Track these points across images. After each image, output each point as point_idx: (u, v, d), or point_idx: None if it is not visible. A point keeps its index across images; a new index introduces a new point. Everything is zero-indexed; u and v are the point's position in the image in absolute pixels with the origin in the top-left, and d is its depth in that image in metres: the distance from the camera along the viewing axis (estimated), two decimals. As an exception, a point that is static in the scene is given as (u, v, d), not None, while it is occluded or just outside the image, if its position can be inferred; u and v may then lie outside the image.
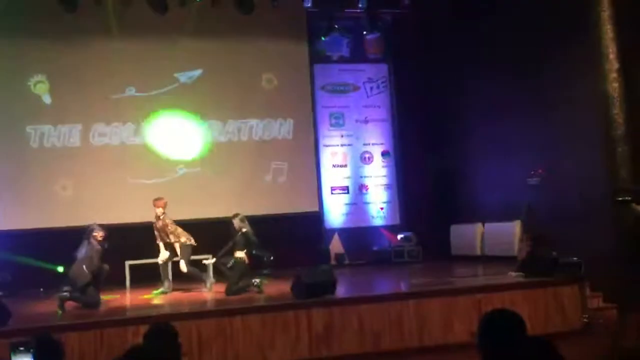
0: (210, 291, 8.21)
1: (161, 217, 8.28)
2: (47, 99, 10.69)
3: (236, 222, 8.13)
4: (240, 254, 7.95)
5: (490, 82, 10.49)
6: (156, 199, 8.40)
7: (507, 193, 10.08)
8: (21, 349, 2.40)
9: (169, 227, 8.24)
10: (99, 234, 7.49)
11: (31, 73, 10.59)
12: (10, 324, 5.93)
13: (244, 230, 8.05)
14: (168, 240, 8.29)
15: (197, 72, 11.34)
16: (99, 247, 7.44)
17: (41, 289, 9.69)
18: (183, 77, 11.28)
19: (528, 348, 2.00)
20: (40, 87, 10.66)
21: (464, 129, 11.52)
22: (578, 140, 8.63)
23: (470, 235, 10.78)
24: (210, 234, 8.99)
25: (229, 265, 7.94)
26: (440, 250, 11.10)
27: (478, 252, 10.65)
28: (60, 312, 6.83)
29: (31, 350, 2.41)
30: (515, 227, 9.66)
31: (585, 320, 6.99)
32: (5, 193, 10.26)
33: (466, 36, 10.81)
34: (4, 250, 10.13)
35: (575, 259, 7.29)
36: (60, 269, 9.35)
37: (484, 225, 10.65)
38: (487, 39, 10.43)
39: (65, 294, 7.05)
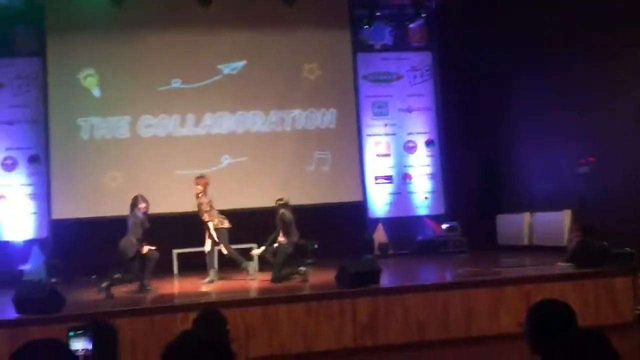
0: (254, 279, 8.29)
1: (199, 196, 8.34)
2: (96, 92, 10.98)
3: (280, 208, 8.21)
4: (281, 239, 8.02)
5: (538, 70, 10.24)
6: (197, 177, 8.50)
7: (556, 182, 9.85)
8: (79, 332, 2.49)
9: (204, 206, 8.28)
10: (141, 205, 7.70)
11: (81, 67, 10.90)
12: (64, 310, 6.15)
13: (280, 212, 8.11)
14: (202, 219, 8.34)
15: (241, 63, 11.44)
16: (142, 217, 7.64)
17: (93, 277, 10.02)
18: (227, 68, 11.41)
19: (579, 339, 1.95)
20: (90, 81, 10.96)
21: (511, 117, 11.30)
22: (629, 128, 8.34)
23: (518, 224, 10.57)
24: (255, 223, 9.10)
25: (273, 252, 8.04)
26: (486, 240, 10.93)
27: (526, 242, 10.44)
28: (109, 293, 7.10)
29: (88, 334, 2.50)
30: (564, 217, 9.44)
31: (637, 312, 6.78)
32: (58, 183, 10.63)
33: (513, 22, 10.57)
34: (57, 237, 10.53)
35: (628, 249, 7.07)
36: None
37: (531, 215, 10.43)
38: (535, 25, 10.18)
39: (116, 276, 7.30)
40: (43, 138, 10.80)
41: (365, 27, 11.80)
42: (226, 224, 8.32)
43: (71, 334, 2.46)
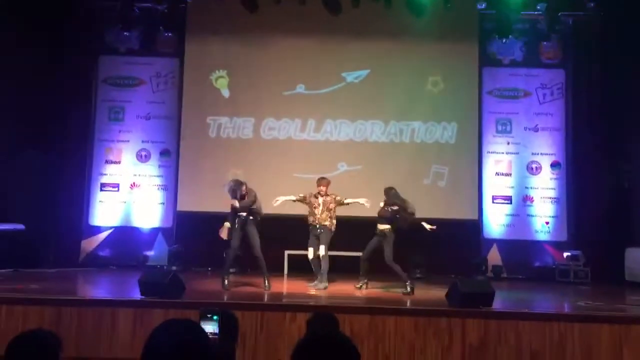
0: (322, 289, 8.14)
1: (325, 198, 8.41)
2: (225, 93, 11.53)
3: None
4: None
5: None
6: (320, 178, 8.66)
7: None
8: (209, 316, 2.62)
9: (330, 205, 8.36)
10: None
11: (214, 68, 11.50)
12: (183, 297, 6.50)
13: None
14: (320, 216, 8.37)
15: (364, 72, 11.52)
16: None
17: (209, 268, 10.52)
18: (350, 76, 11.53)
19: None
20: (221, 82, 11.53)
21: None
22: None
23: (650, 260, 9.74)
24: (368, 232, 9.07)
25: None
26: (612, 274, 10.16)
27: (657, 280, 9.60)
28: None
29: (217, 320, 2.62)
30: None
31: None
32: (185, 177, 11.28)
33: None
34: (180, 228, 11.17)
35: None
36: None
37: (666, 252, 9.58)
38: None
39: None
40: (175, 134, 11.52)
41: (503, 40, 11.34)
42: (332, 228, 8.36)
43: (203, 317, 2.59)
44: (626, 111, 10.76)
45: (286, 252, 9.94)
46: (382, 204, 8.46)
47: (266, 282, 7.98)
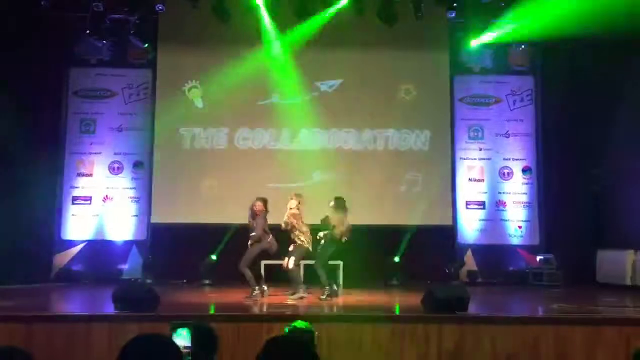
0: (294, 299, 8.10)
1: (292, 212, 8.38)
2: (199, 103, 11.49)
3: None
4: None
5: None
6: (295, 194, 8.60)
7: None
8: (181, 330, 2.59)
9: (295, 222, 8.32)
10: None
11: (187, 79, 11.45)
12: (158, 310, 6.42)
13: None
14: (292, 236, 8.40)
15: (337, 82, 11.59)
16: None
17: (184, 280, 10.43)
18: (324, 85, 11.59)
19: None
20: (194, 92, 11.48)
21: (617, 148, 10.70)
22: None
23: (620, 262, 9.95)
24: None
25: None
26: (583, 276, 10.36)
27: (628, 281, 9.80)
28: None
29: (189, 333, 2.60)
30: (673, 257, 8.78)
31: None
32: (159, 188, 11.17)
33: (627, 48, 10.05)
34: (154, 240, 11.06)
35: None
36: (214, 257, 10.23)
37: (636, 253, 9.78)
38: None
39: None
40: (147, 145, 11.41)
41: (467, 49, 11.56)
42: (308, 245, 8.33)
43: (174, 331, 2.57)
44: (594, 115, 10.99)
45: (262, 262, 9.88)
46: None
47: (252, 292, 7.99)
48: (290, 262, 8.19)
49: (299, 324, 3.26)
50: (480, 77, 11.97)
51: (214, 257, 10.62)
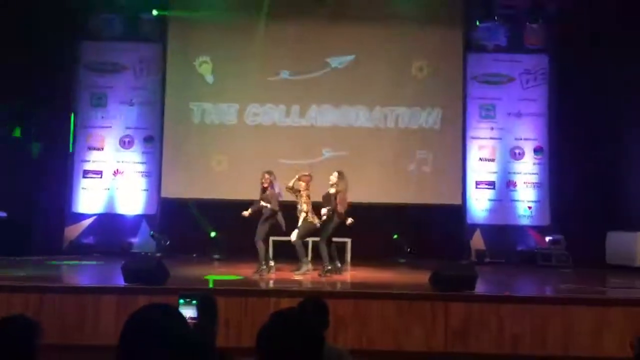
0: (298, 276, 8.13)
1: (301, 192, 8.36)
2: (209, 79, 11.46)
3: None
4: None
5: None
6: (303, 174, 8.56)
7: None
8: (188, 301, 2.63)
9: (306, 204, 8.32)
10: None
11: (197, 54, 11.40)
12: (167, 283, 6.49)
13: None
14: (298, 214, 8.40)
15: (349, 58, 11.49)
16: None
17: (194, 254, 10.52)
18: (335, 62, 11.50)
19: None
20: (205, 67, 11.44)
21: (630, 129, 10.57)
22: None
23: (630, 244, 9.90)
24: (353, 217, 9.08)
25: None
26: (593, 257, 10.30)
27: (638, 263, 9.75)
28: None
29: (196, 304, 2.63)
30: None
31: None
32: (169, 163, 11.22)
33: (637, 31, 9.89)
34: (164, 214, 11.13)
35: None
36: (213, 233, 10.26)
37: (646, 235, 9.74)
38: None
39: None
40: (158, 119, 11.43)
41: (479, 24, 11.40)
42: (316, 221, 8.33)
43: (181, 301, 2.60)
44: (607, 96, 10.84)
45: (271, 238, 9.93)
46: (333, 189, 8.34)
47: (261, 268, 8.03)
48: (293, 235, 8.23)
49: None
50: (494, 55, 11.82)
51: (213, 234, 10.66)
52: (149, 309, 1.54)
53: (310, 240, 8.84)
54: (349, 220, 8.22)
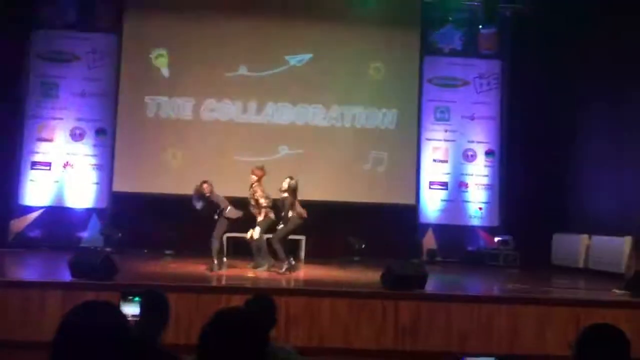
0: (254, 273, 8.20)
1: (253, 186, 8.42)
2: (165, 72, 11.27)
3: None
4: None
5: (612, 87, 9.87)
6: (256, 167, 8.56)
7: (620, 205, 9.48)
8: (130, 298, 2.58)
9: (256, 196, 8.32)
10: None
11: (153, 46, 11.21)
12: (116, 279, 6.36)
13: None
14: (253, 211, 8.42)
15: (307, 56, 11.50)
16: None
17: (144, 250, 10.35)
18: (293, 60, 11.49)
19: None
20: (161, 60, 11.25)
21: (578, 134, 10.93)
22: None
23: (575, 245, 10.23)
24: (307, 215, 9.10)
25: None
26: (539, 258, 10.62)
27: (581, 264, 10.10)
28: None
29: (138, 301, 2.59)
30: (624, 243, 9.07)
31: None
32: (121, 157, 10.99)
33: (591, 37, 10.22)
34: (115, 209, 10.91)
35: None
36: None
37: (590, 237, 10.08)
38: (615, 41, 9.80)
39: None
40: (111, 112, 11.18)
41: (437, 30, 11.60)
42: (271, 216, 8.35)
43: (123, 298, 2.55)
44: (559, 102, 11.18)
45: (225, 235, 9.86)
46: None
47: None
48: (255, 233, 8.21)
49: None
50: (449, 58, 12.03)
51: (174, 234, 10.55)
52: (85, 306, 1.50)
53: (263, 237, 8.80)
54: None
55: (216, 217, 8.17)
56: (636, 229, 8.40)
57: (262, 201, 8.24)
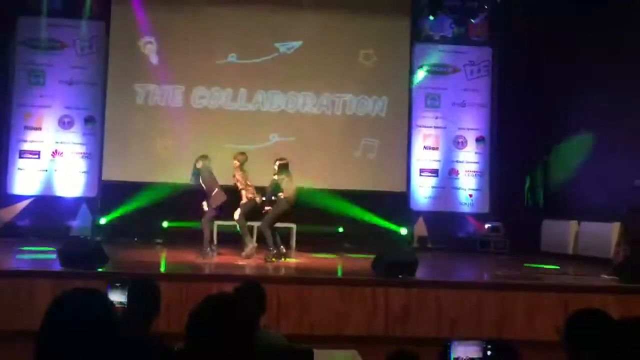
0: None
1: (235, 171, 8.35)
2: (154, 60, 11.17)
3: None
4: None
5: (603, 75, 9.89)
6: (237, 152, 8.55)
7: (609, 192, 9.54)
8: (117, 285, 2.57)
9: (239, 182, 8.32)
10: None
11: (142, 33, 11.09)
12: (106, 268, 6.34)
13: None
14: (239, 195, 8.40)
15: (297, 44, 11.44)
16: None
17: (135, 239, 10.32)
18: (283, 47, 11.42)
19: (620, 351, 1.88)
20: (149, 48, 11.15)
21: (569, 121, 10.96)
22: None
23: (564, 232, 10.31)
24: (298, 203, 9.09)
25: None
26: (529, 244, 10.70)
27: (570, 250, 10.18)
28: None
29: (125, 289, 2.57)
30: (613, 229, 9.14)
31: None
32: (110, 145, 10.92)
33: (582, 27, 10.23)
34: (105, 198, 10.85)
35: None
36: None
37: (579, 224, 10.15)
38: (603, 26, 9.81)
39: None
40: (100, 100, 11.09)
41: (430, 17, 11.55)
42: (256, 198, 8.31)
43: (110, 286, 2.54)
44: (549, 90, 11.20)
45: (215, 223, 9.85)
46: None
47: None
48: (236, 214, 8.20)
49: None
50: (440, 45, 12.00)
51: (165, 224, 10.53)
52: (71, 293, 1.50)
53: (255, 225, 8.79)
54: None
55: (204, 203, 8.17)
56: (624, 216, 8.45)
57: (239, 185, 8.24)
